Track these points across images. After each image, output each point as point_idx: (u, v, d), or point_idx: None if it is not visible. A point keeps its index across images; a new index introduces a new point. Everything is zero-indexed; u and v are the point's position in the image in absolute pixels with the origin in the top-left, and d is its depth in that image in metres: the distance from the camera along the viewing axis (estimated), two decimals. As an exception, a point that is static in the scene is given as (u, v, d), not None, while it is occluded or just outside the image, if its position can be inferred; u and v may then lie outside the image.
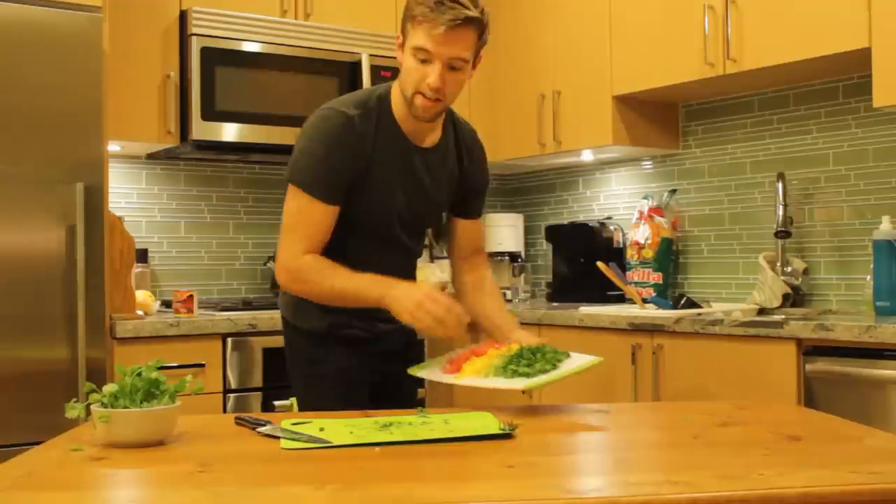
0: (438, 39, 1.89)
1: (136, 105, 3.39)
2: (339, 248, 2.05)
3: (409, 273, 2.21)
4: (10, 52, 2.77)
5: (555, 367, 1.68)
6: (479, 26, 1.93)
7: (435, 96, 1.95)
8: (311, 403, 2.12)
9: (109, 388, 1.54)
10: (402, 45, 1.99)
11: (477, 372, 1.70)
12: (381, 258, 2.09)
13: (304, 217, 2.01)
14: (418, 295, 1.86)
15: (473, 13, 1.90)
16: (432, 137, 2.11)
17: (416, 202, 2.11)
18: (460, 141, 2.18)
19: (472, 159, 2.21)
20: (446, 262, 4.18)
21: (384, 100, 2.06)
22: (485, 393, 1.87)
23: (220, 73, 3.47)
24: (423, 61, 1.93)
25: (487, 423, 1.67)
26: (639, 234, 3.70)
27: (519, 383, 1.58)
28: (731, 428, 1.67)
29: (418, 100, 1.96)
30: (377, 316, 2.08)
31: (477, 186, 2.25)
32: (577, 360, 1.75)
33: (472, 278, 2.26)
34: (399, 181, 2.07)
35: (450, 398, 3.47)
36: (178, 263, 3.85)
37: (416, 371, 1.93)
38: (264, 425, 1.65)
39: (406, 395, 2.25)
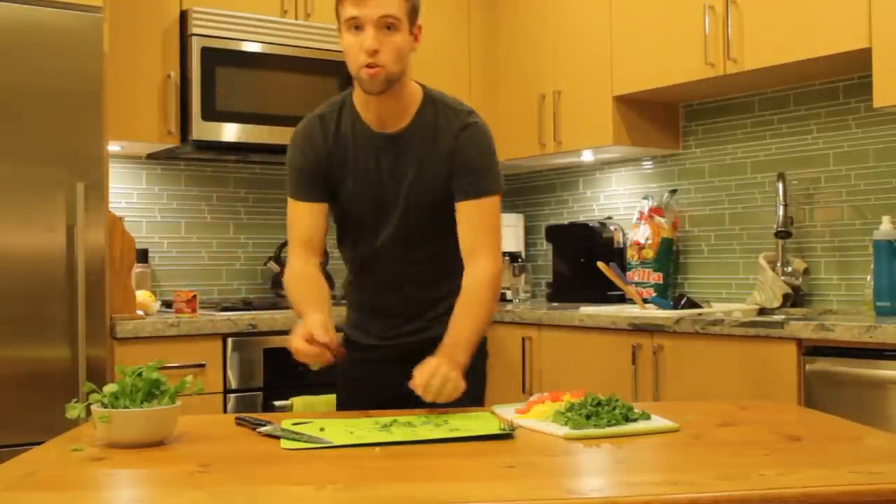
0: (362, 2, 1.93)
1: (136, 105, 3.39)
2: (348, 245, 2.17)
3: (428, 262, 2.12)
4: (10, 53, 2.77)
5: (618, 423, 1.64)
6: None
7: (373, 61, 1.93)
8: (344, 403, 2.21)
9: (110, 388, 1.54)
10: (339, 30, 2.03)
11: (540, 415, 1.70)
12: (383, 252, 2.10)
13: (290, 219, 2.13)
14: (293, 344, 1.84)
15: None
16: (400, 123, 2.05)
17: (393, 187, 2.05)
18: (437, 121, 2.06)
19: (448, 138, 2.04)
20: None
21: (348, 95, 2.10)
22: (486, 396, 1.87)
23: (221, 74, 3.47)
24: (356, 29, 1.95)
25: (487, 423, 1.67)
26: (639, 235, 3.70)
27: (562, 430, 1.57)
28: (731, 428, 1.67)
29: (363, 73, 1.95)
30: (391, 314, 2.12)
31: (457, 165, 2.04)
32: (648, 424, 1.64)
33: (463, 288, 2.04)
34: (363, 169, 2.06)
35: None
36: (179, 263, 3.85)
37: (497, 408, 1.86)
38: (264, 425, 1.65)
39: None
